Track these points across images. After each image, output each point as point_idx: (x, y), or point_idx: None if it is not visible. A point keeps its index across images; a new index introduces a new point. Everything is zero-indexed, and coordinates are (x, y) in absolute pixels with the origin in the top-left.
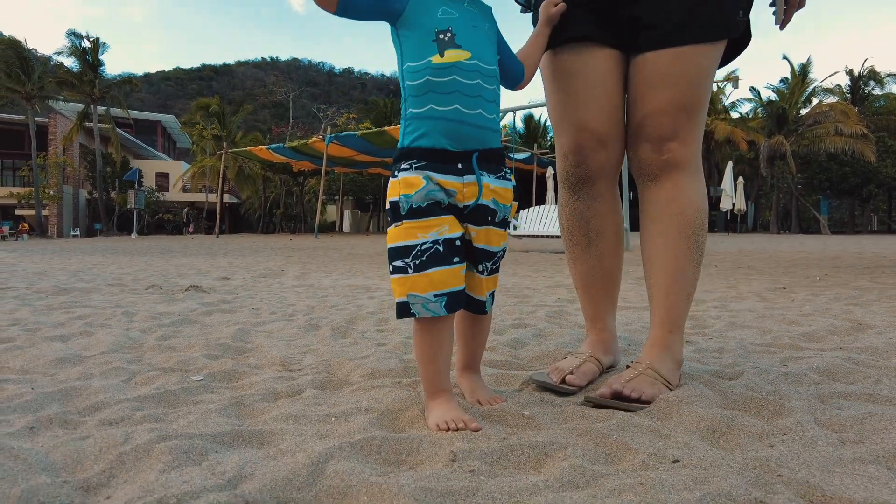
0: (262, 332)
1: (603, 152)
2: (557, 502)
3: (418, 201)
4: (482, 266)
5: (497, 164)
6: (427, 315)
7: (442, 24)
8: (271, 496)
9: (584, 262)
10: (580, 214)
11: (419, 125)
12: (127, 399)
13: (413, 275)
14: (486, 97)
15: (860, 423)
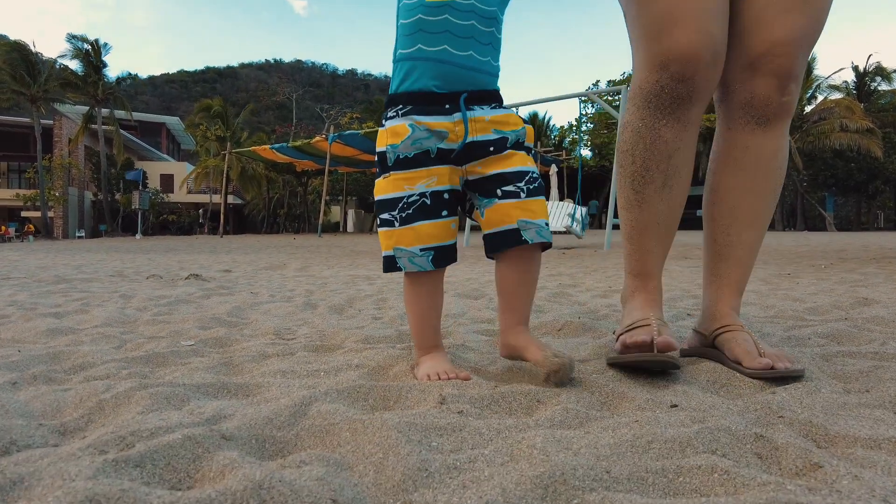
0: (258, 311)
1: (714, 67)
2: (548, 437)
3: (405, 151)
4: (501, 191)
5: (491, 100)
6: (413, 269)
7: None
8: (250, 433)
9: (653, 206)
10: (665, 144)
11: (406, 66)
12: (114, 360)
13: (399, 228)
14: (480, 39)
15: (866, 375)
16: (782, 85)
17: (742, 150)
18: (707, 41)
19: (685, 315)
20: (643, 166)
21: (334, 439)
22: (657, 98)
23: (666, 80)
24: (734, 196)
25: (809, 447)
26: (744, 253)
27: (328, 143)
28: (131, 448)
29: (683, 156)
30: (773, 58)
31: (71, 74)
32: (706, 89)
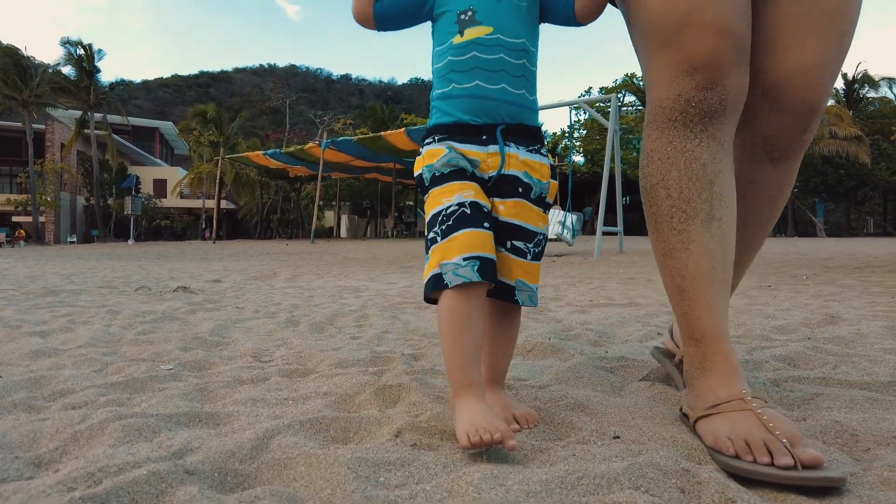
0: (240, 328)
1: (742, 70)
2: (485, 474)
3: (441, 168)
4: (511, 244)
5: (530, 139)
6: (458, 281)
7: (463, 5)
8: (213, 467)
9: (703, 245)
10: (703, 168)
11: (442, 104)
12: (94, 386)
13: (442, 242)
14: (511, 72)
15: (808, 402)
16: (802, 123)
17: (745, 183)
18: (732, 41)
19: (656, 334)
20: (681, 198)
21: (291, 473)
22: (683, 115)
23: (691, 90)
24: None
25: (729, 483)
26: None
27: (321, 150)
28: (98, 485)
29: (726, 180)
30: (791, 92)
31: (63, 79)
32: (738, 96)
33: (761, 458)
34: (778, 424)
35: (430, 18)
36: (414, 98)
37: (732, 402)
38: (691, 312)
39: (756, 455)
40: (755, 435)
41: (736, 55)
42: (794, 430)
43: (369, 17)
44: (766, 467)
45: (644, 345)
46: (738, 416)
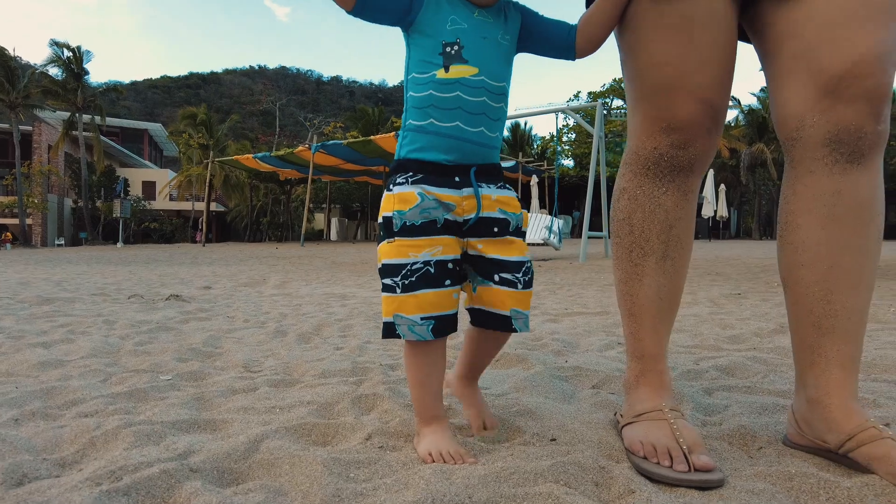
0: (232, 339)
1: (716, 134)
2: (436, 470)
3: (412, 219)
4: (499, 277)
5: (496, 177)
6: (413, 338)
7: (450, 36)
8: (212, 466)
9: (654, 279)
10: (665, 214)
11: (418, 138)
12: (102, 396)
13: (401, 294)
14: (490, 115)
15: (726, 409)
16: (876, 110)
17: (833, 196)
18: (709, 110)
19: (616, 343)
20: (642, 237)
21: (277, 471)
22: (655, 166)
23: (665, 146)
24: (831, 254)
25: (634, 478)
26: (854, 323)
27: (311, 153)
28: (119, 480)
29: (684, 226)
30: (860, 79)
31: (51, 81)
32: (705, 157)
33: (663, 461)
34: (684, 433)
35: (406, 29)
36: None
37: (652, 413)
38: (636, 333)
39: (660, 459)
40: (663, 442)
41: (711, 122)
42: (697, 438)
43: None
44: (665, 469)
45: (602, 354)
46: (654, 424)
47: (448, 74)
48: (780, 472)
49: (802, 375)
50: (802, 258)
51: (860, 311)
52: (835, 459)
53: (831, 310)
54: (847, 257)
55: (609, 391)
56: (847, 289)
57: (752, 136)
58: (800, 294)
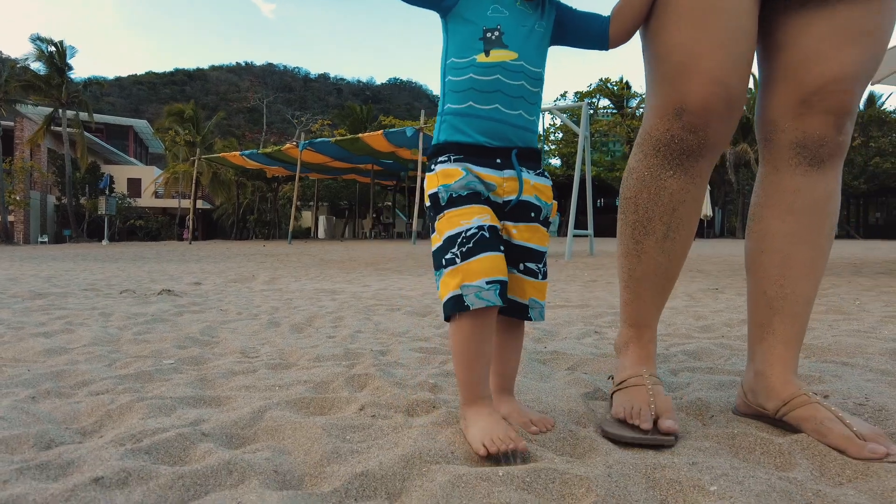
0: (227, 329)
1: (729, 119)
2: (422, 432)
3: (458, 190)
4: (524, 266)
5: (536, 162)
6: (481, 305)
7: (490, 23)
8: (222, 432)
9: (653, 257)
10: (670, 196)
11: (457, 121)
12: (110, 377)
13: (462, 263)
14: (528, 99)
15: (687, 385)
16: (839, 123)
17: (793, 193)
18: (723, 93)
19: (593, 332)
20: (645, 216)
21: (280, 435)
22: (666, 147)
23: (677, 129)
24: (786, 244)
25: (597, 438)
26: (800, 307)
27: (299, 151)
28: (140, 442)
29: (689, 208)
30: (829, 94)
31: (33, 76)
32: (719, 142)
33: (635, 420)
34: (657, 399)
35: (443, 14)
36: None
37: (634, 378)
38: (630, 303)
39: (633, 418)
40: (637, 404)
41: (725, 106)
42: (668, 404)
43: None
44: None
45: (579, 342)
46: (634, 390)
47: (489, 58)
48: (724, 433)
49: (752, 350)
50: (763, 246)
51: (808, 296)
52: (773, 423)
53: (783, 293)
54: (800, 249)
55: (583, 371)
56: (798, 276)
57: (736, 137)
58: (758, 277)
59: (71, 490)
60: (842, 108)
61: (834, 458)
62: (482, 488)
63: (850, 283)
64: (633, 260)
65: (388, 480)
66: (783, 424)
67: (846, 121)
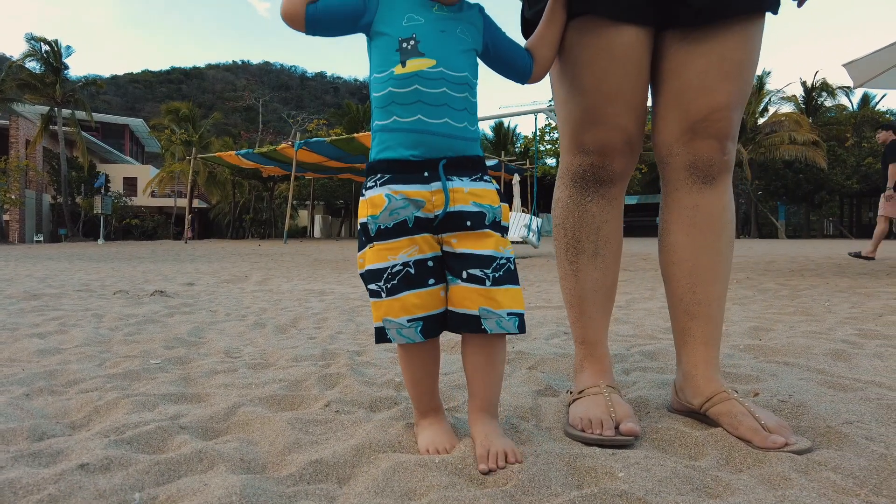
0: (214, 330)
1: (631, 154)
2: (377, 426)
3: (384, 221)
4: (467, 273)
5: (473, 169)
6: (402, 341)
7: (405, 32)
8: (198, 425)
9: (588, 274)
10: (592, 219)
11: (384, 137)
12: (99, 376)
13: (386, 299)
14: (454, 105)
15: (633, 384)
16: (723, 146)
17: (692, 209)
18: (621, 135)
19: (563, 333)
20: (574, 238)
21: (250, 428)
22: (581, 179)
23: (587, 164)
24: (693, 254)
25: (535, 431)
26: (713, 309)
27: (294, 150)
28: (123, 434)
29: (612, 227)
30: (713, 122)
31: (28, 75)
32: (626, 172)
33: (596, 431)
34: (616, 407)
35: (365, 32)
36: None
37: (592, 389)
38: (577, 322)
39: (594, 429)
40: (597, 414)
41: (623, 144)
42: (627, 410)
43: (300, 18)
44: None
45: (547, 342)
46: (592, 399)
47: (405, 69)
48: (651, 427)
49: (678, 353)
50: (673, 258)
51: (718, 299)
52: (699, 419)
53: (696, 299)
54: (705, 257)
55: (541, 371)
56: (706, 282)
57: None
58: (673, 287)
59: (59, 474)
60: (724, 133)
61: (740, 448)
62: (419, 473)
63: (829, 283)
64: (571, 280)
65: (339, 467)
66: (707, 419)
67: (728, 143)
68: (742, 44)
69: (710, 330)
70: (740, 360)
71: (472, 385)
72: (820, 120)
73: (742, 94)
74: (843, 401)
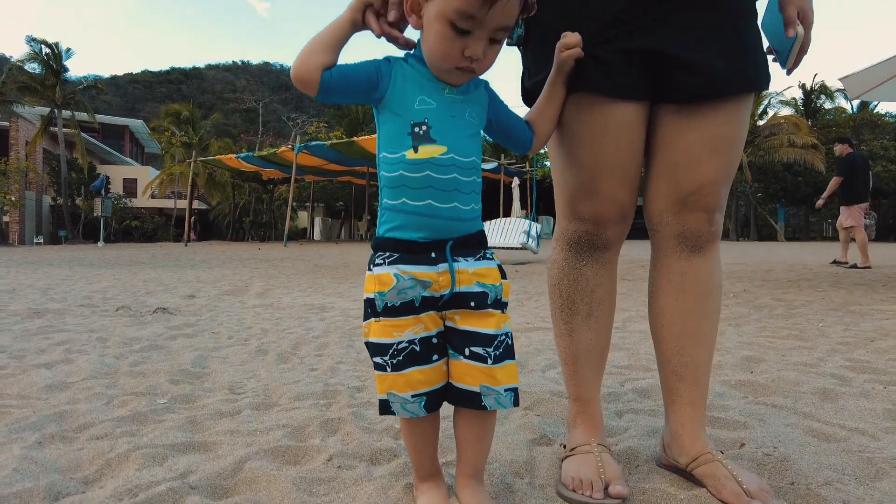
0: (217, 358)
1: (624, 223)
2: (378, 486)
3: (392, 300)
4: (469, 351)
5: (476, 247)
6: (406, 415)
7: (418, 116)
8: (207, 483)
9: (582, 334)
10: (586, 282)
11: (393, 217)
12: (108, 419)
13: (391, 374)
14: (463, 189)
15: (624, 431)
16: (711, 218)
17: (681, 275)
18: (615, 207)
19: (552, 367)
20: (569, 299)
21: (257, 486)
22: (577, 244)
23: (582, 231)
24: (681, 318)
25: (529, 491)
26: (700, 371)
27: (294, 154)
28: (136, 497)
29: (605, 289)
30: (702, 196)
31: (28, 77)
32: (617, 239)
33: (586, 492)
34: (606, 467)
35: (376, 105)
36: None
37: (583, 447)
38: (571, 378)
39: (584, 490)
40: (587, 475)
41: (617, 215)
42: (616, 471)
43: (314, 84)
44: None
45: (543, 375)
46: (583, 458)
47: (417, 155)
48: (638, 487)
49: (666, 411)
50: (662, 321)
51: (705, 362)
52: (685, 476)
53: (683, 361)
54: (692, 321)
55: (536, 413)
56: (693, 345)
57: None
58: (662, 348)
59: None
60: (712, 206)
61: None
62: None
63: (824, 298)
64: (566, 339)
65: None
66: (692, 477)
67: (716, 214)
68: (732, 120)
69: (697, 391)
70: (730, 401)
71: (462, 452)
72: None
73: (730, 168)
74: (827, 453)
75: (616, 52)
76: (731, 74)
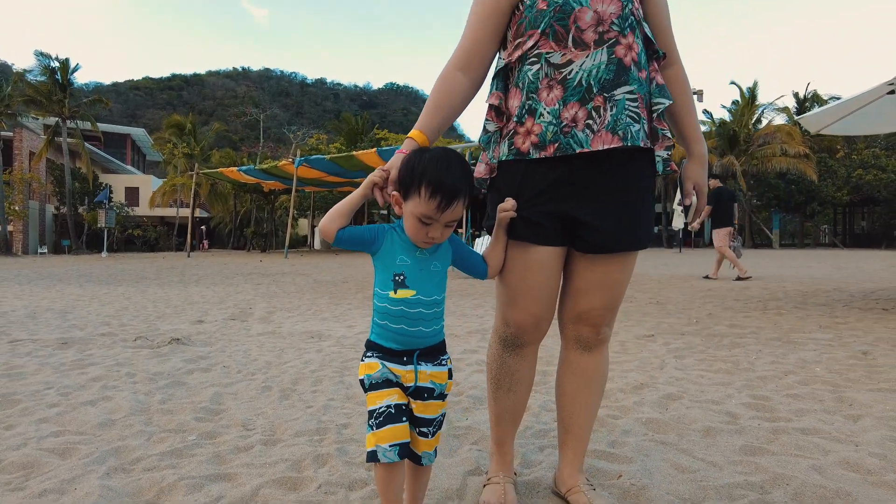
0: (229, 395)
1: (538, 331)
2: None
3: (376, 379)
4: (419, 430)
5: (435, 354)
6: (387, 461)
7: (398, 269)
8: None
9: (504, 402)
10: (509, 367)
11: (379, 331)
12: (154, 454)
13: (377, 431)
14: (426, 318)
15: (539, 464)
16: (598, 330)
17: (576, 364)
18: (531, 319)
19: None
20: (497, 377)
21: None
22: (504, 340)
23: (508, 332)
24: (573, 394)
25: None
26: (582, 430)
27: (295, 167)
28: None
29: (523, 373)
30: (592, 316)
31: (35, 91)
32: (534, 340)
33: None
34: (507, 496)
35: (372, 255)
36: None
37: (494, 478)
38: (493, 429)
39: None
40: (493, 500)
41: (536, 327)
42: (513, 499)
43: (332, 236)
44: None
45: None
46: (492, 487)
47: (396, 295)
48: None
49: (559, 450)
50: (561, 391)
51: (586, 424)
52: (564, 501)
53: (571, 422)
54: (581, 397)
55: (479, 448)
56: (579, 413)
57: (723, 148)
58: (559, 412)
59: None
60: (598, 323)
61: None
62: None
63: (776, 325)
64: (492, 403)
65: None
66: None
67: (603, 328)
68: (621, 268)
69: (579, 444)
70: (632, 437)
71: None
72: None
73: (616, 299)
74: (676, 482)
75: (542, 213)
76: (624, 237)
